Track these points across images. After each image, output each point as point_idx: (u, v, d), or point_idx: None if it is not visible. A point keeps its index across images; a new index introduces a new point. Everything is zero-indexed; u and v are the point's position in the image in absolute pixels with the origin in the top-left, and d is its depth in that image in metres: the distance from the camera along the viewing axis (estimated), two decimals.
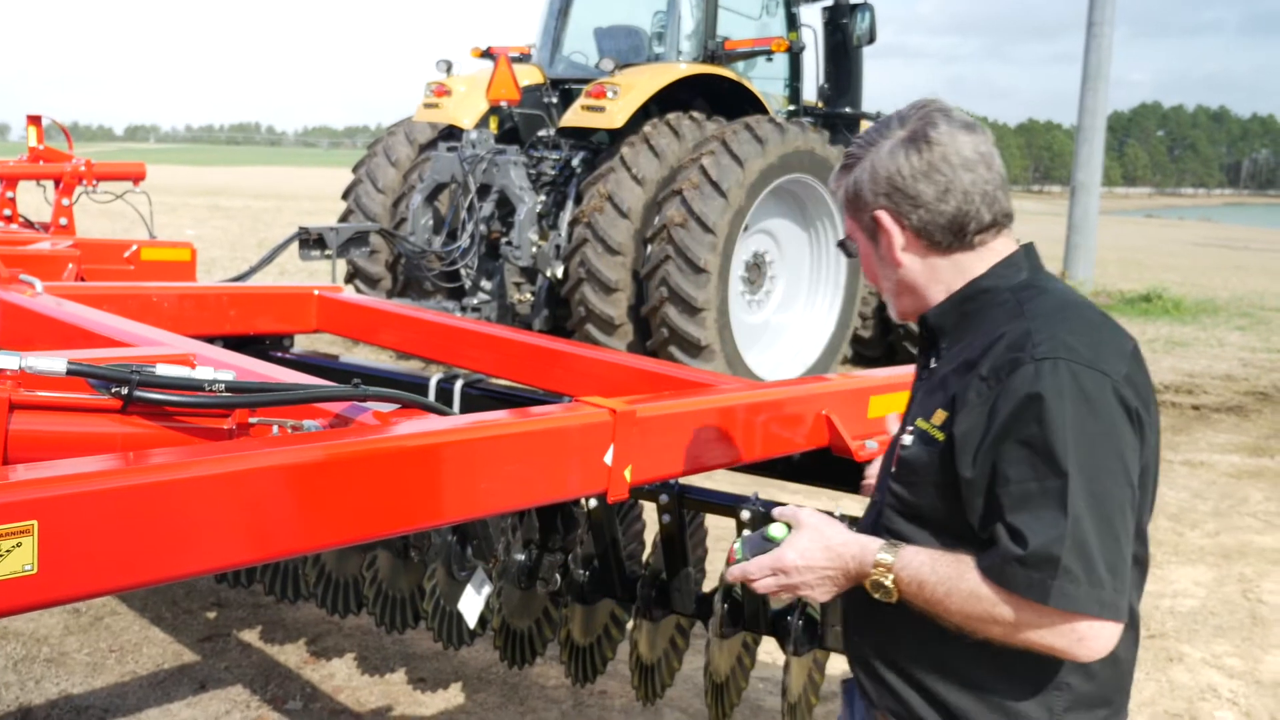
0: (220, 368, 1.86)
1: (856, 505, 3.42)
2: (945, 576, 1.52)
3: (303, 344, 6.32)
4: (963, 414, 1.53)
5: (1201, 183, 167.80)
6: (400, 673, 3.76)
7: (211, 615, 4.13)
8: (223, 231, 20.58)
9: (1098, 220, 17.12)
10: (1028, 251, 1.70)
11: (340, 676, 3.72)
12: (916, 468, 1.61)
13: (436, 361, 3.64)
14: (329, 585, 3.44)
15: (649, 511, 3.03)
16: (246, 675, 3.68)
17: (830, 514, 1.85)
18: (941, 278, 1.67)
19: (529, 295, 7.77)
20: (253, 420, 1.86)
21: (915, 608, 1.57)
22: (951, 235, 1.65)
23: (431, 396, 3.34)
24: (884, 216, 1.65)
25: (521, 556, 3.16)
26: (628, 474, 2.11)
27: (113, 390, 1.69)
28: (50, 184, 5.96)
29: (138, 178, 5.97)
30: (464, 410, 3.27)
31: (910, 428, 1.65)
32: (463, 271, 7.84)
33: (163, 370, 1.77)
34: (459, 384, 3.30)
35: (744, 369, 7.38)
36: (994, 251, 1.67)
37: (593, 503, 2.96)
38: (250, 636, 3.97)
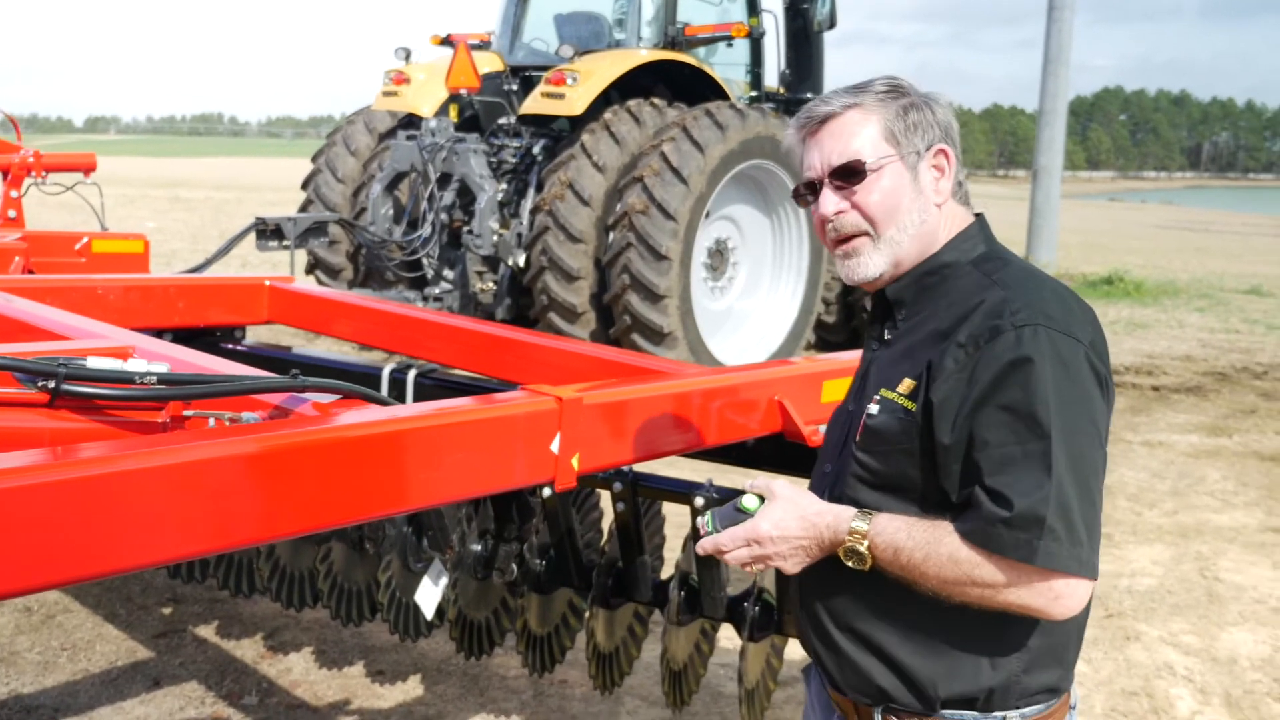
0: (157, 360, 1.82)
1: None
2: (922, 541, 1.54)
3: (266, 336, 6.26)
4: (940, 381, 1.55)
5: (1163, 166, 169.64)
6: (359, 665, 3.73)
7: (167, 611, 4.08)
8: (183, 224, 20.34)
9: (1060, 203, 17.26)
10: (981, 224, 1.75)
11: (297, 670, 3.69)
12: (886, 436, 1.62)
13: (392, 352, 3.60)
14: (283, 579, 3.40)
15: (607, 499, 3.01)
16: (202, 671, 3.64)
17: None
18: (950, 225, 1.70)
19: (491, 284, 7.72)
20: (189, 413, 1.82)
21: (890, 575, 1.58)
22: (964, 193, 1.74)
23: (384, 386, 3.31)
24: (951, 150, 1.69)
25: (478, 547, 3.14)
26: (575, 462, 2.09)
27: (39, 384, 1.65)
28: None
29: (88, 169, 5.87)
30: (417, 400, 3.24)
31: (876, 398, 1.65)
32: (424, 261, 7.77)
33: (93, 363, 1.73)
34: (412, 373, 3.27)
35: (707, 356, 7.37)
36: (968, 216, 1.74)
37: (547, 491, 2.94)
38: (206, 632, 3.92)
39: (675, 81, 8.22)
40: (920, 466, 1.59)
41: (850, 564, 1.61)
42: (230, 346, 3.66)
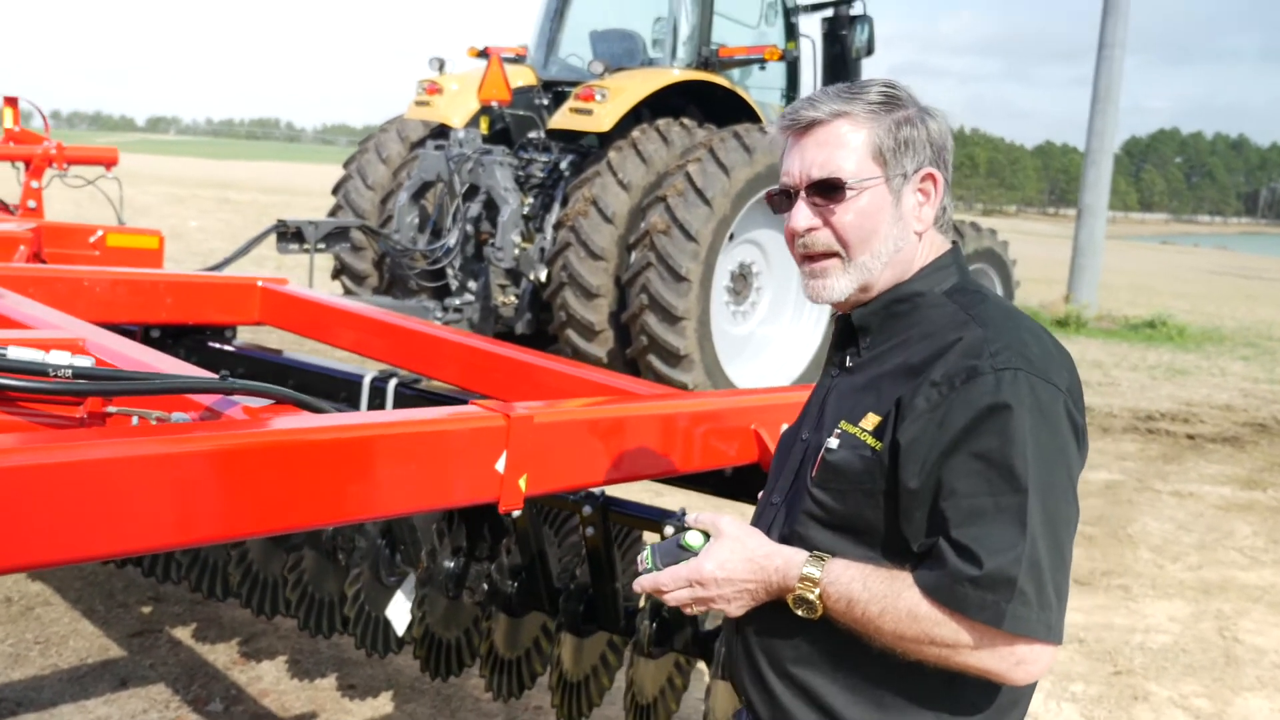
0: (79, 354, 1.75)
1: None
2: (879, 594, 1.43)
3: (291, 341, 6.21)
4: (909, 421, 1.45)
5: (1218, 210, 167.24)
6: (330, 678, 3.65)
7: (146, 610, 4.03)
8: (226, 224, 20.57)
9: (1104, 244, 16.97)
10: (955, 254, 1.65)
11: (268, 679, 3.61)
12: (846, 474, 1.51)
13: (380, 362, 3.53)
14: (255, 584, 3.33)
15: None
16: (171, 674, 3.58)
17: None
18: (925, 255, 1.61)
19: (513, 298, 7.65)
20: (112, 410, 1.75)
21: (840, 626, 1.47)
22: (950, 224, 1.65)
23: (365, 394, 3.24)
24: (940, 176, 1.59)
25: (450, 564, 3.06)
26: (522, 483, 2.00)
27: None
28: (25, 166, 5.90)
29: (109, 162, 5.90)
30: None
31: (837, 431, 1.54)
32: (448, 272, 7.73)
33: (13, 354, 1.67)
34: (393, 383, 3.19)
35: (724, 380, 7.26)
36: (945, 245, 1.65)
37: (516, 511, 2.85)
38: (182, 633, 3.87)
39: (709, 103, 8.15)
40: (881, 509, 1.48)
41: (800, 612, 1.50)
42: (217, 346, 3.61)
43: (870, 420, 1.50)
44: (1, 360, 1.63)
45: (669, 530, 2.58)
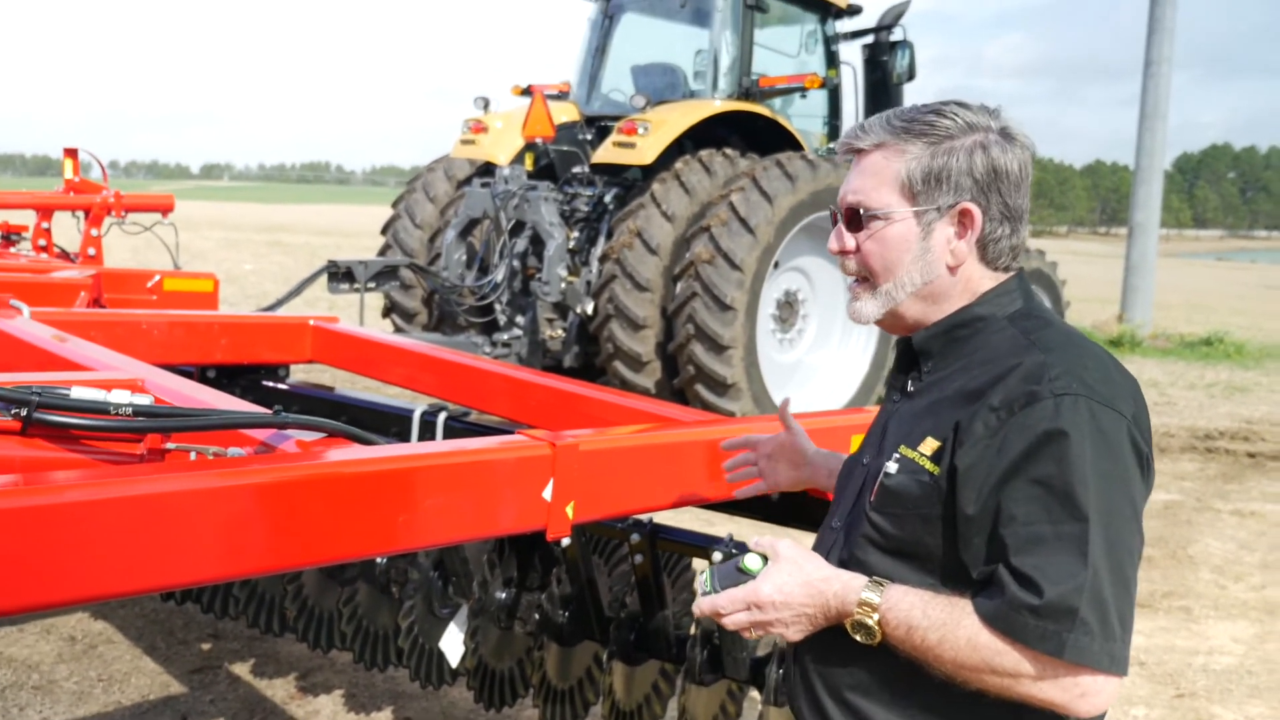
0: (139, 392, 1.81)
1: None
2: (939, 621, 1.42)
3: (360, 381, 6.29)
4: (967, 446, 1.44)
5: (1276, 225, 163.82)
6: (386, 711, 3.69)
7: (206, 647, 4.10)
8: (280, 266, 20.96)
9: (1156, 261, 16.73)
10: (1020, 279, 1.63)
11: (325, 713, 3.65)
12: (903, 499, 1.51)
13: (430, 396, 3.58)
14: (310, 619, 3.38)
15: None
16: (230, 709, 3.63)
17: None
18: (970, 288, 1.59)
19: (560, 331, 7.73)
20: (171, 446, 1.81)
21: (899, 653, 1.47)
22: (1010, 255, 1.60)
23: (415, 427, 3.29)
24: (976, 211, 1.55)
25: (501, 594, 3.08)
26: (570, 511, 2.02)
27: (11, 412, 1.66)
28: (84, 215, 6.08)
29: (166, 209, 6.06)
30: None
31: (895, 455, 1.54)
32: (496, 307, 7.83)
33: (75, 393, 1.73)
34: (442, 416, 3.24)
35: (773, 408, 7.24)
36: (999, 276, 1.62)
37: (566, 540, 2.87)
38: (241, 669, 3.92)
39: (751, 133, 8.20)
40: (939, 534, 1.48)
41: (859, 638, 1.49)
42: (272, 384, 3.69)
43: (929, 445, 1.50)
44: (65, 400, 1.69)
45: (716, 556, 2.60)
